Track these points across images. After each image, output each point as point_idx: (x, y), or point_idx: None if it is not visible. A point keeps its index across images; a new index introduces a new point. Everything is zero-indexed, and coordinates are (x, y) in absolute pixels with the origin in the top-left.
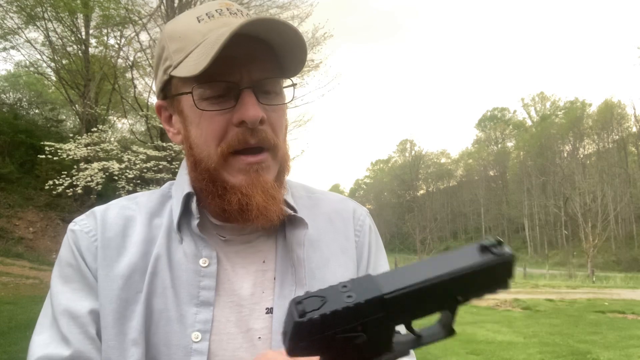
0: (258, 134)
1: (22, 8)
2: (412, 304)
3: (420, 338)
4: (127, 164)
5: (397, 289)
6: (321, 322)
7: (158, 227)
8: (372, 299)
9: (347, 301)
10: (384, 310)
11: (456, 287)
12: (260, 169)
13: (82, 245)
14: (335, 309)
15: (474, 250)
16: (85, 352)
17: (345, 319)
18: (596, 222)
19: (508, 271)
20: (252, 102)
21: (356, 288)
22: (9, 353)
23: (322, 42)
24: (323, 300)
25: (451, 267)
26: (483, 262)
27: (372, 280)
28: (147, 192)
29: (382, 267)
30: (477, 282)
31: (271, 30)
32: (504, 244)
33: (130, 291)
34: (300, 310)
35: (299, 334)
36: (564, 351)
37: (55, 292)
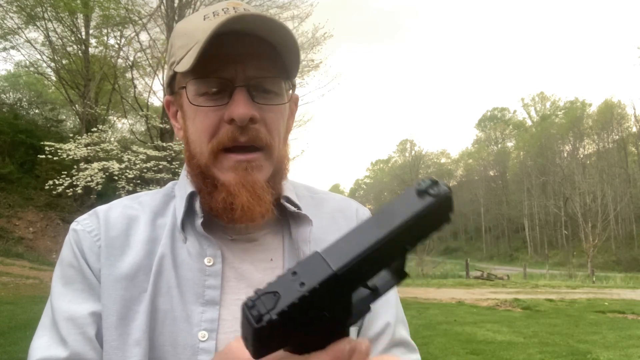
0: (248, 133)
1: (22, 8)
2: (365, 269)
3: (377, 291)
4: (127, 164)
5: (348, 261)
6: (281, 321)
7: (162, 227)
8: (325, 279)
9: (301, 290)
10: (341, 285)
11: (404, 239)
12: (249, 168)
13: (84, 245)
14: (292, 302)
15: (412, 197)
16: (82, 353)
17: (304, 308)
18: (596, 222)
19: (448, 207)
20: (243, 100)
21: (306, 272)
22: (9, 353)
23: (322, 42)
24: (277, 296)
25: (395, 221)
26: (424, 208)
27: (320, 259)
28: (150, 192)
29: None
30: (422, 228)
31: (264, 27)
32: (439, 181)
33: (134, 291)
34: (255, 315)
35: (261, 340)
36: (564, 351)
37: (55, 294)
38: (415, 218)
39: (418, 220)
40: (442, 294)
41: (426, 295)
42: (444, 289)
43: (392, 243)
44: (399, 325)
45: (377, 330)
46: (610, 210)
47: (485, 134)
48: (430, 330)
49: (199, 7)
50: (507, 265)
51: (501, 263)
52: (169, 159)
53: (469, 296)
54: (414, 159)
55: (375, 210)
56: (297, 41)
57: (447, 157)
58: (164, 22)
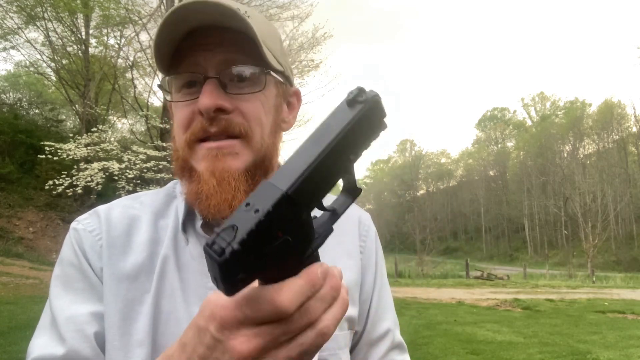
0: (218, 123)
1: (22, 8)
2: (315, 185)
3: (335, 211)
4: (127, 164)
5: (295, 179)
6: (243, 249)
7: (164, 228)
8: (277, 201)
9: (257, 216)
10: (293, 205)
11: (344, 149)
12: (220, 154)
13: (85, 245)
14: (250, 229)
15: (343, 108)
16: (79, 351)
17: (263, 233)
18: (596, 222)
19: (380, 112)
20: (209, 91)
21: (259, 200)
22: (9, 353)
23: (322, 42)
24: (235, 229)
25: (331, 134)
26: (356, 115)
27: (269, 185)
28: (150, 192)
29: (385, 272)
30: (359, 136)
31: (212, 12)
32: (365, 89)
33: (136, 292)
34: (217, 249)
35: (229, 273)
36: (564, 351)
37: (55, 294)
38: (349, 126)
39: (353, 128)
40: (442, 294)
41: (426, 295)
42: (444, 289)
43: (334, 155)
44: (396, 328)
45: (380, 334)
46: (610, 210)
47: (485, 134)
48: (430, 330)
49: None
50: (507, 265)
51: (501, 263)
52: (169, 159)
53: (469, 296)
54: (414, 159)
55: (317, 126)
56: (256, 24)
57: (447, 157)
58: None
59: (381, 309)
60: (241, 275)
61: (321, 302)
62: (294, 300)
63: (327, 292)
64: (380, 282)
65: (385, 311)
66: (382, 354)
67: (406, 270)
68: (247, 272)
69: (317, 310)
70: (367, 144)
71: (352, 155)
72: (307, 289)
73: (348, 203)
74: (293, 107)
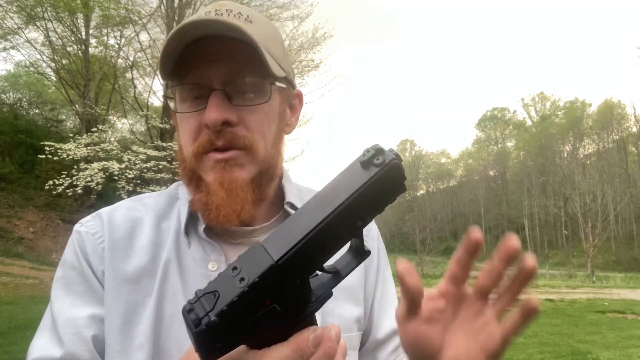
0: (224, 136)
1: (22, 8)
2: (312, 254)
3: (338, 273)
4: (127, 164)
5: (288, 249)
6: (222, 322)
7: (166, 231)
8: (265, 272)
9: (241, 286)
10: (284, 275)
11: (351, 217)
12: (227, 165)
13: (87, 247)
14: (232, 301)
15: (356, 170)
16: (77, 354)
17: (245, 304)
18: (596, 222)
19: (399, 175)
20: (215, 104)
21: (247, 267)
22: (9, 353)
23: (322, 42)
24: (216, 296)
25: (338, 199)
26: (369, 180)
27: (261, 251)
28: (153, 194)
29: (389, 270)
30: (370, 201)
31: (225, 30)
32: (384, 149)
33: (138, 295)
34: (194, 319)
35: (204, 343)
36: (564, 351)
37: (56, 296)
38: (360, 193)
39: (364, 195)
40: None
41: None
42: None
43: (338, 222)
44: None
45: (387, 332)
46: (610, 210)
47: (485, 134)
48: None
49: (198, 7)
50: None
51: None
52: (169, 159)
53: None
54: (414, 159)
55: (325, 186)
56: (265, 40)
57: (447, 157)
58: (164, 22)
59: (385, 307)
60: (219, 345)
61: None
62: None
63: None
64: (382, 281)
65: (390, 309)
66: (390, 351)
67: None
68: (226, 342)
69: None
70: (379, 209)
71: (361, 222)
72: (294, 358)
73: (353, 265)
74: (295, 109)
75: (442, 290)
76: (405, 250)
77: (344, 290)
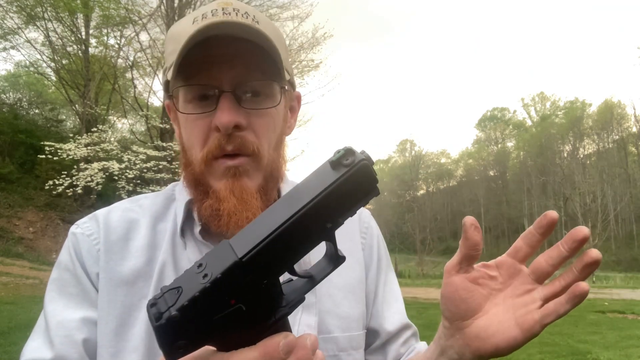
0: (234, 141)
1: (22, 8)
2: (278, 253)
3: (312, 278)
4: (127, 164)
5: (253, 246)
6: (182, 317)
7: (162, 232)
8: (228, 269)
9: (203, 282)
10: (248, 273)
11: (319, 217)
12: (238, 173)
13: (82, 249)
14: (193, 296)
15: (326, 170)
16: (66, 356)
17: (208, 301)
18: (596, 222)
19: (369, 177)
20: (227, 107)
21: (211, 263)
22: (9, 353)
23: (322, 42)
24: (179, 292)
25: (305, 198)
26: (336, 180)
27: (226, 248)
28: (150, 195)
29: (390, 264)
30: (339, 202)
31: (242, 32)
32: (355, 150)
33: (134, 297)
34: (155, 313)
35: (165, 338)
36: (564, 351)
37: (49, 297)
38: (327, 192)
39: (332, 194)
40: None
41: (426, 295)
42: None
43: (305, 222)
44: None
45: (395, 326)
46: (610, 210)
47: (485, 134)
48: (431, 331)
49: (198, 7)
50: None
51: None
52: (169, 159)
53: None
54: (414, 159)
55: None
56: (275, 38)
57: (447, 157)
58: (164, 22)
59: (391, 302)
60: (181, 342)
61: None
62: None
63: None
64: (384, 276)
65: (393, 304)
66: (401, 343)
67: (406, 270)
68: (189, 339)
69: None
70: (350, 211)
71: (330, 223)
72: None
73: (328, 270)
74: (294, 111)
75: (499, 261)
76: (405, 250)
77: (343, 289)
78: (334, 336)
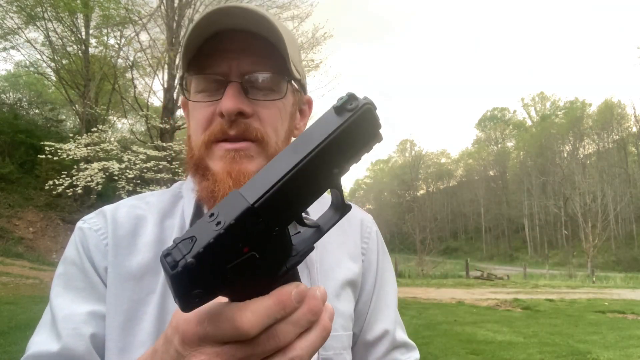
0: (237, 126)
1: (22, 8)
2: (288, 199)
3: (320, 227)
4: (127, 164)
5: (264, 192)
6: (198, 264)
7: (170, 228)
8: (241, 214)
9: (217, 229)
10: (261, 219)
11: (327, 162)
12: (237, 156)
13: (90, 244)
14: (208, 243)
15: (330, 116)
16: (74, 349)
17: (223, 248)
18: (596, 222)
19: (373, 120)
20: (232, 94)
21: (223, 211)
22: (9, 353)
23: (322, 42)
24: (193, 240)
25: (312, 143)
26: (342, 124)
27: (237, 196)
28: (156, 192)
29: (388, 271)
30: (345, 148)
31: (249, 19)
32: (357, 96)
33: (141, 292)
34: (170, 262)
35: (181, 287)
36: (564, 351)
37: (56, 292)
38: (333, 136)
39: (338, 139)
40: (442, 294)
41: (426, 295)
42: (444, 289)
43: (314, 167)
44: (397, 328)
45: (376, 335)
46: (610, 210)
47: (485, 134)
48: (430, 330)
49: (199, 7)
50: (507, 265)
51: (501, 263)
52: (169, 159)
53: (469, 296)
54: (414, 158)
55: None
56: (284, 33)
57: (447, 157)
58: (164, 22)
59: (378, 310)
60: (197, 291)
61: (294, 326)
62: (256, 321)
63: (303, 316)
64: (380, 283)
65: (384, 312)
66: (381, 354)
67: (406, 270)
68: (205, 288)
69: (287, 335)
70: (355, 157)
71: (337, 168)
72: (276, 311)
73: (335, 220)
74: (305, 114)
75: None
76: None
77: (342, 287)
78: (338, 334)
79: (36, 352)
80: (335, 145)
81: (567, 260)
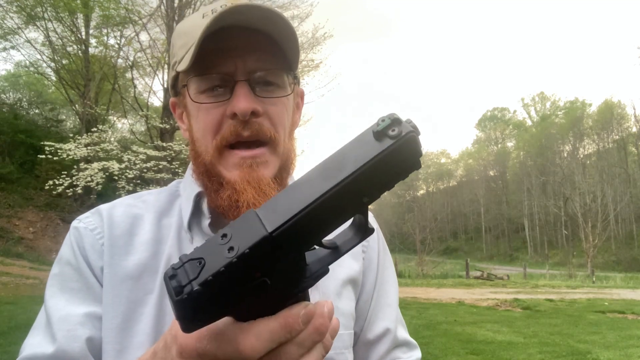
0: (251, 127)
1: (22, 8)
2: (311, 228)
3: (338, 249)
4: (127, 164)
5: (285, 221)
6: (205, 292)
7: (168, 227)
8: (257, 243)
9: (229, 256)
10: (277, 248)
11: (358, 191)
12: (254, 164)
13: (86, 243)
14: (217, 271)
15: (368, 140)
16: (69, 351)
17: (232, 275)
18: (596, 222)
19: (415, 150)
20: (244, 94)
21: (237, 235)
22: (9, 353)
23: (322, 42)
24: (201, 264)
25: (345, 171)
26: (381, 153)
27: (254, 219)
28: (153, 191)
29: (389, 269)
30: (380, 176)
31: (260, 17)
32: (401, 120)
33: (139, 293)
34: (175, 286)
35: (185, 313)
36: (564, 351)
37: (51, 292)
38: (369, 166)
39: (374, 168)
40: (442, 294)
41: (426, 295)
42: (444, 289)
43: (343, 196)
44: (399, 326)
45: (377, 334)
46: (610, 210)
47: (485, 134)
48: (430, 330)
49: (198, 7)
50: (507, 265)
51: (501, 263)
52: (169, 159)
53: (469, 296)
54: None
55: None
56: (295, 31)
57: (447, 157)
58: (164, 22)
59: (379, 308)
60: (201, 316)
61: (298, 347)
62: (260, 346)
63: (308, 337)
64: (381, 281)
65: (384, 310)
66: (382, 353)
67: (406, 270)
68: (209, 313)
69: (291, 356)
70: (389, 185)
71: (367, 197)
72: (281, 335)
73: (355, 242)
74: (299, 107)
75: None
76: (405, 250)
77: (342, 286)
78: (340, 333)
79: (30, 354)
80: (370, 174)
81: (567, 260)
